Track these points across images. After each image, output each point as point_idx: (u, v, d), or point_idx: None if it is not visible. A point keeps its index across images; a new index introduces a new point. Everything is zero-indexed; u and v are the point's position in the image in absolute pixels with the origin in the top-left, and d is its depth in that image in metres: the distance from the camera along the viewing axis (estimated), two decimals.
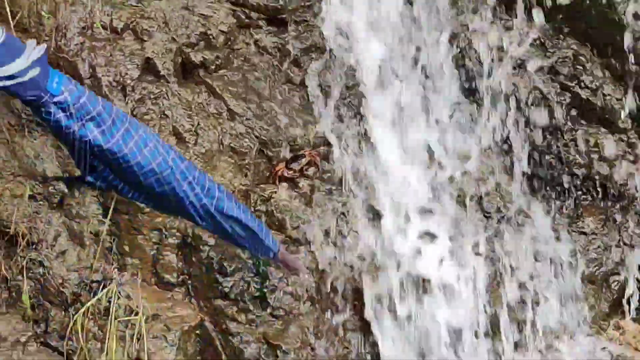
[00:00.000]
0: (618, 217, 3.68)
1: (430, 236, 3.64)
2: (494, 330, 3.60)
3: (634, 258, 3.71)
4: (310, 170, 3.54)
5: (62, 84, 2.09)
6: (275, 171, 3.40)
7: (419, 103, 3.77)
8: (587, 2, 3.60)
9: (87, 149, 2.17)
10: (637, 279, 3.79)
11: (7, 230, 3.24)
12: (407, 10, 3.80)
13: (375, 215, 3.58)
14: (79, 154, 2.18)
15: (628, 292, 3.72)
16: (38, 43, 2.86)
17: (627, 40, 3.53)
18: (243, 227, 2.52)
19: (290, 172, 3.42)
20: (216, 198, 2.41)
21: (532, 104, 3.68)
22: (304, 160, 3.50)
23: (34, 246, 3.28)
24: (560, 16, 3.64)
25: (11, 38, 2.04)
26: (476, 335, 3.57)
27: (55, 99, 2.09)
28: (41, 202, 3.34)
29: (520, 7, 3.73)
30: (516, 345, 3.60)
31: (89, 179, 2.31)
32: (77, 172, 2.65)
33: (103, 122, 2.17)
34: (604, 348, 3.66)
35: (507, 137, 3.77)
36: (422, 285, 3.56)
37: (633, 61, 3.53)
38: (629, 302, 3.73)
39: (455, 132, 3.79)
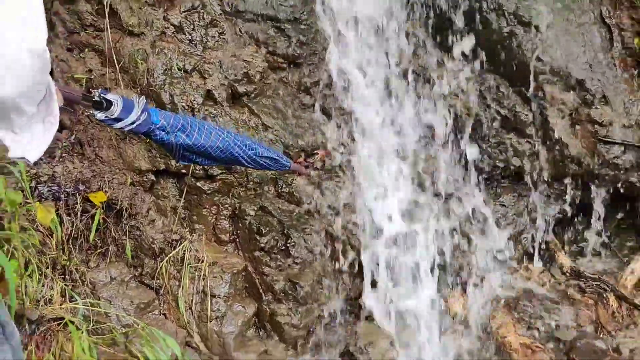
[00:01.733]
0: (525, 194, 3.81)
1: (400, 207, 3.70)
2: (442, 269, 3.69)
3: (536, 222, 3.80)
4: (318, 164, 3.60)
5: (159, 116, 2.42)
6: (297, 161, 3.33)
7: (389, 119, 3.81)
8: (504, 50, 3.68)
9: (179, 147, 2.55)
10: (539, 237, 3.83)
11: (115, 206, 3.42)
12: (384, 55, 3.82)
13: (360, 192, 3.66)
14: (175, 151, 2.55)
15: (534, 244, 3.83)
16: (133, 87, 3.18)
17: (534, 74, 3.64)
18: (271, 159, 2.85)
19: (307, 162, 3.37)
20: (254, 149, 2.74)
21: (468, 117, 3.76)
22: (317, 157, 3.58)
23: (133, 217, 3.47)
24: (486, 59, 3.72)
25: (125, 100, 2.23)
26: (431, 271, 3.64)
27: (158, 126, 2.40)
28: (138, 187, 3.53)
29: (457, 53, 3.77)
30: (457, 282, 3.70)
31: (181, 162, 2.72)
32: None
33: (185, 129, 2.50)
34: (515, 284, 3.74)
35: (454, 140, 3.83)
36: (394, 242, 3.62)
37: (533, 90, 3.65)
38: (533, 252, 3.85)
39: (416, 137, 3.83)
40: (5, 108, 1.55)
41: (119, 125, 2.28)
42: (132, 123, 2.28)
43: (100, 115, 2.24)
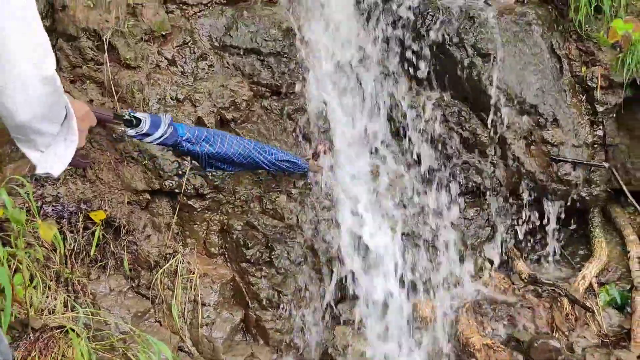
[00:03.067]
0: (486, 208, 3.79)
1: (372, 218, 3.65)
2: (412, 276, 3.64)
3: (496, 233, 3.78)
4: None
5: (185, 129, 2.45)
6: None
7: (367, 141, 3.83)
8: (465, 79, 3.68)
9: (204, 155, 2.55)
10: (499, 246, 3.80)
11: (114, 223, 3.39)
12: (358, 86, 3.83)
13: (337, 208, 3.63)
14: (201, 159, 2.57)
15: (494, 253, 3.79)
16: (144, 110, 3.18)
17: (493, 100, 3.63)
18: (290, 162, 2.92)
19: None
20: (274, 154, 2.84)
21: (434, 140, 3.75)
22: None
23: (130, 233, 3.44)
24: (450, 87, 3.73)
25: (153, 117, 2.29)
26: (402, 279, 3.60)
27: (184, 138, 2.44)
28: (135, 206, 3.49)
29: (426, 82, 3.77)
30: (426, 288, 3.65)
31: (208, 169, 2.73)
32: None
33: (209, 140, 2.55)
34: (478, 290, 3.73)
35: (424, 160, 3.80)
36: (368, 252, 3.58)
37: (492, 114, 3.64)
38: (494, 260, 3.80)
39: (389, 157, 3.82)
40: (25, 131, 1.60)
41: (148, 139, 2.38)
42: (160, 137, 2.38)
43: (131, 131, 2.34)
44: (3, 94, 1.49)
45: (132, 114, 2.27)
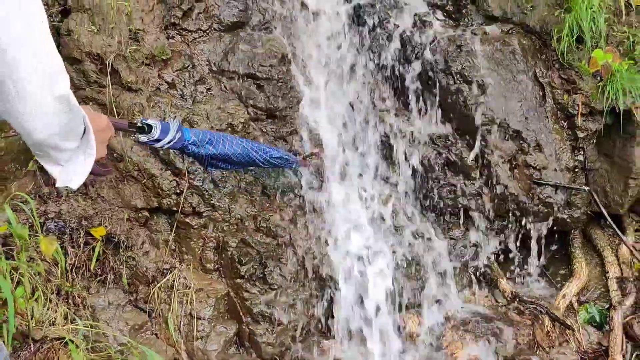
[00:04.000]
0: (471, 229, 3.79)
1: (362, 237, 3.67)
2: (400, 293, 3.63)
3: (481, 253, 3.78)
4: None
5: (190, 134, 2.48)
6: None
7: (357, 164, 3.83)
8: (452, 105, 3.67)
9: (207, 157, 2.59)
10: (483, 265, 3.81)
11: (114, 239, 3.41)
12: (350, 111, 3.85)
13: (328, 227, 3.64)
14: (204, 161, 2.61)
15: (479, 272, 3.81)
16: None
17: (478, 125, 3.64)
18: (282, 158, 2.95)
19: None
20: (267, 152, 2.87)
21: (422, 163, 3.75)
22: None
23: (129, 248, 3.45)
24: (439, 111, 3.73)
25: (163, 123, 2.33)
26: (391, 295, 3.60)
27: (190, 142, 2.47)
28: (134, 223, 3.51)
29: (413, 107, 3.78)
30: (414, 303, 3.66)
31: (209, 169, 2.78)
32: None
33: (212, 142, 2.58)
34: (463, 307, 3.74)
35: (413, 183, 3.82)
36: (358, 269, 3.58)
37: (478, 138, 3.64)
38: (479, 279, 3.82)
39: (378, 180, 3.85)
40: (44, 148, 1.59)
41: (159, 144, 2.41)
42: (169, 142, 2.42)
43: (143, 138, 2.37)
44: (20, 115, 1.48)
45: (144, 121, 2.32)
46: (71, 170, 1.66)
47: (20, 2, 1.41)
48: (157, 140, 2.35)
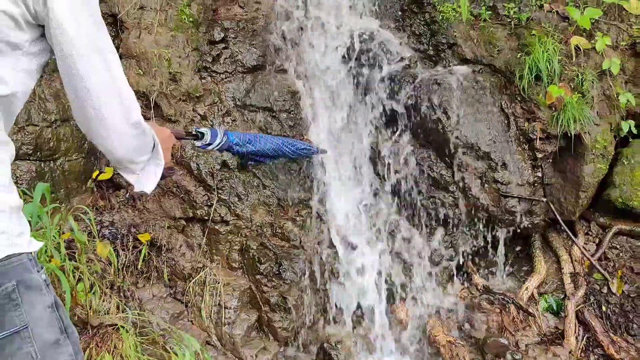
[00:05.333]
0: (450, 234, 3.77)
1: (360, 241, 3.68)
2: (391, 287, 3.66)
3: (458, 253, 3.76)
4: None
5: (234, 136, 2.46)
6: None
7: (354, 180, 3.82)
8: (433, 131, 3.65)
9: (248, 154, 2.58)
10: (460, 264, 3.80)
11: (157, 243, 3.45)
12: (349, 136, 3.83)
13: (332, 232, 3.64)
14: (245, 157, 2.62)
15: (456, 269, 3.79)
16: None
17: (454, 148, 3.62)
18: (306, 149, 3.01)
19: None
20: (294, 145, 2.89)
21: (408, 180, 3.73)
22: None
23: (169, 251, 3.48)
24: (422, 136, 3.71)
25: (212, 130, 2.35)
26: (383, 289, 3.62)
27: (234, 143, 2.44)
28: (173, 229, 3.54)
29: (401, 134, 3.75)
30: (402, 296, 3.67)
31: (248, 162, 2.81)
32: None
33: (251, 141, 2.56)
34: (444, 299, 3.73)
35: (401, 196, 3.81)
36: (356, 267, 3.61)
37: (454, 159, 3.63)
38: (456, 275, 3.81)
39: (372, 193, 3.83)
40: (123, 163, 1.64)
41: (210, 147, 2.38)
42: (219, 144, 2.42)
43: (198, 143, 2.35)
44: (102, 138, 1.54)
45: (197, 130, 2.34)
46: (145, 178, 1.69)
47: (98, 45, 1.47)
48: (209, 144, 2.36)
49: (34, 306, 1.45)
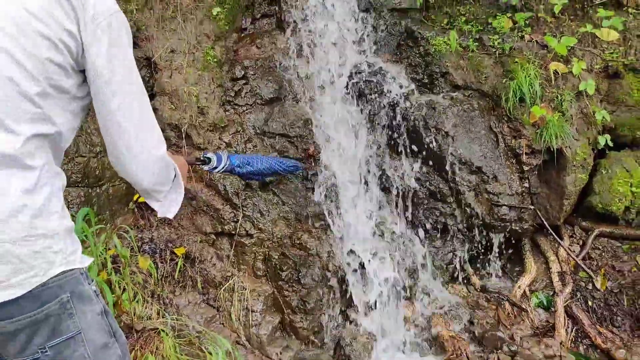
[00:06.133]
0: (449, 240, 3.78)
1: (370, 249, 3.66)
2: (398, 287, 3.61)
3: (457, 257, 3.77)
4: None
5: (235, 158, 2.44)
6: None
7: (364, 195, 3.80)
8: (430, 150, 3.65)
9: (247, 173, 2.55)
10: (459, 266, 3.78)
11: (191, 255, 3.47)
12: (355, 156, 3.82)
13: (344, 243, 3.64)
14: (244, 176, 2.59)
15: (456, 271, 3.78)
16: (201, 181, 3.21)
17: (449, 164, 3.63)
18: (294, 166, 2.97)
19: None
20: (285, 164, 2.88)
21: (410, 193, 3.74)
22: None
23: (202, 262, 3.50)
24: (421, 154, 3.71)
25: (217, 154, 2.35)
26: (392, 289, 3.59)
27: (236, 165, 2.38)
28: (204, 243, 3.56)
29: (403, 153, 3.75)
30: (409, 296, 3.64)
31: (246, 179, 2.83)
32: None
33: (249, 163, 2.48)
34: (446, 298, 3.70)
35: (404, 207, 3.82)
36: (367, 271, 3.57)
37: (450, 174, 3.63)
38: (456, 276, 3.79)
39: (379, 206, 3.81)
40: (148, 191, 1.65)
41: (216, 170, 2.39)
42: (223, 167, 2.40)
43: (205, 167, 2.36)
44: (131, 171, 1.56)
45: (205, 155, 2.37)
46: (167, 204, 1.71)
47: (130, 87, 1.50)
48: (215, 168, 2.37)
49: (85, 314, 1.50)
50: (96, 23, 1.39)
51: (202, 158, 2.38)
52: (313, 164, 3.66)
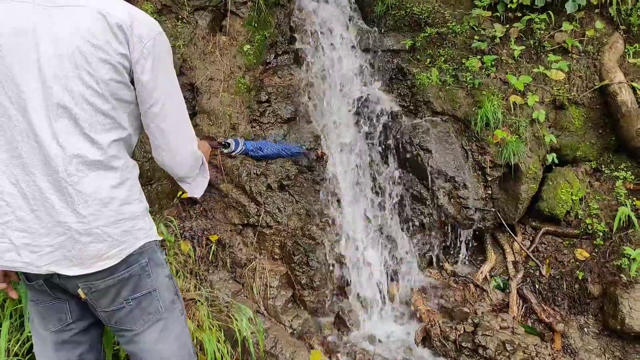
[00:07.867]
0: (427, 234, 3.73)
1: (364, 239, 3.67)
2: (386, 271, 3.65)
3: (433, 248, 3.74)
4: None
5: (249, 144, 2.33)
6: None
7: (360, 196, 3.77)
8: (414, 163, 3.62)
9: (260, 157, 2.39)
10: (435, 255, 3.78)
11: (222, 241, 3.40)
12: (355, 165, 3.80)
13: (344, 234, 3.61)
14: (257, 158, 2.47)
15: (432, 259, 3.76)
16: (231, 182, 3.16)
17: (427, 174, 3.58)
18: (298, 152, 2.82)
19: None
20: (289, 149, 2.71)
21: (396, 196, 3.73)
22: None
23: (230, 247, 3.45)
24: (406, 165, 3.69)
25: (235, 140, 2.23)
26: (381, 273, 3.61)
27: (250, 149, 2.30)
28: (233, 232, 3.51)
29: (392, 164, 3.75)
30: (394, 278, 3.66)
31: (257, 161, 2.74)
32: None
33: (261, 148, 2.33)
34: (424, 279, 3.70)
35: (392, 208, 3.80)
36: (362, 259, 3.59)
37: (429, 182, 3.58)
38: (432, 262, 3.77)
39: (373, 206, 3.79)
40: (181, 178, 1.65)
41: (234, 153, 2.28)
42: (240, 150, 2.29)
43: (225, 150, 2.25)
44: (172, 164, 1.58)
45: (225, 141, 2.29)
46: (195, 186, 1.71)
47: (172, 96, 1.49)
48: (233, 151, 2.28)
49: (159, 275, 1.57)
50: (142, 44, 1.37)
51: (223, 143, 2.29)
52: (323, 161, 3.62)
